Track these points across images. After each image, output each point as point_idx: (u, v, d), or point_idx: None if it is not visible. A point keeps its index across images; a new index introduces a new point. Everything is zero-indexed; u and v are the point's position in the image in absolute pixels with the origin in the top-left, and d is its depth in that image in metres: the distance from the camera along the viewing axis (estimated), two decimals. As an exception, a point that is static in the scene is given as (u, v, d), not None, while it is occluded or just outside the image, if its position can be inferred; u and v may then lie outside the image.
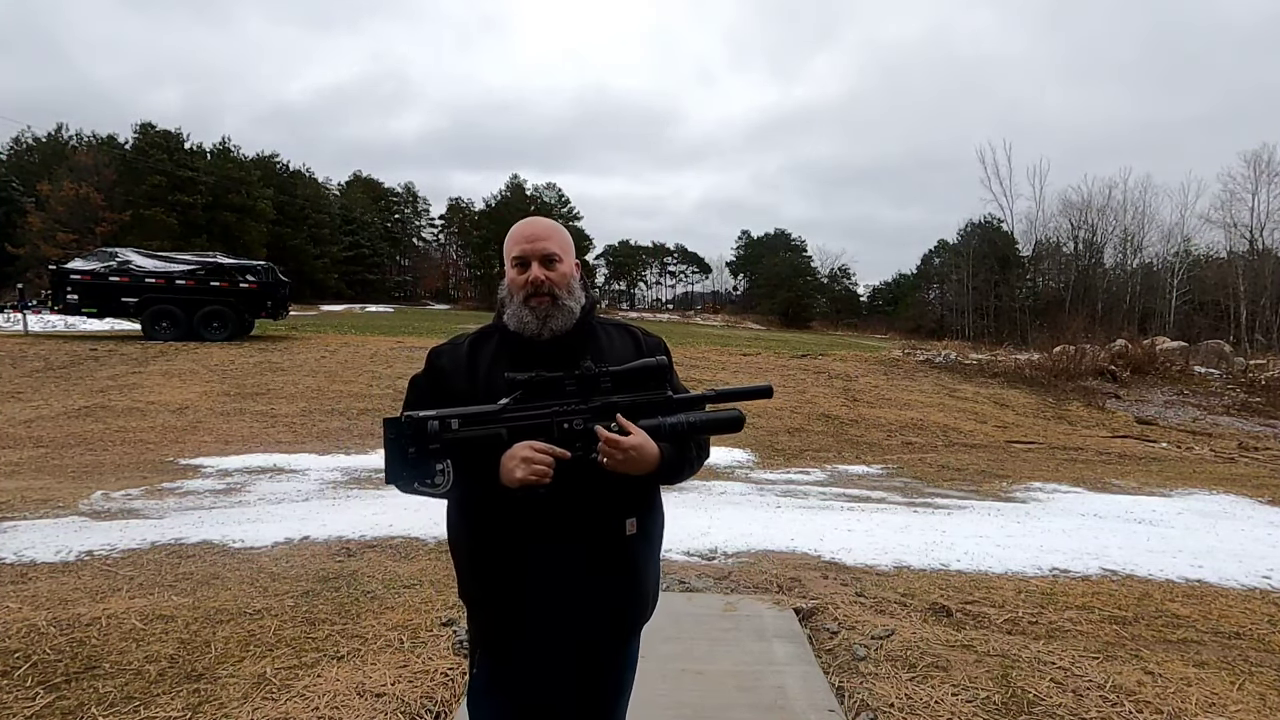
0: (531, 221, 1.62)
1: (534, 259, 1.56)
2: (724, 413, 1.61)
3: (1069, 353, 17.69)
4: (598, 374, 1.52)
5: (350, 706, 2.68)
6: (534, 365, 1.53)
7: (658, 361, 1.58)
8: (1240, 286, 42.07)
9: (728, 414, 1.60)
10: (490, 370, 1.57)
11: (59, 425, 9.60)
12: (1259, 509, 7.11)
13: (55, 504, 5.96)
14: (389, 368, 13.90)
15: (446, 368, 1.60)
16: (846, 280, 78.87)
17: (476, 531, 1.58)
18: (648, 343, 1.71)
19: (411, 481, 1.47)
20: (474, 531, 1.59)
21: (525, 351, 1.57)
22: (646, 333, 1.74)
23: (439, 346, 1.66)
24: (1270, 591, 4.43)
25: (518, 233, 1.61)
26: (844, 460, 9.63)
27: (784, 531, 5.43)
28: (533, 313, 1.55)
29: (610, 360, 1.58)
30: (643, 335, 1.73)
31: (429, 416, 1.43)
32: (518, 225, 1.63)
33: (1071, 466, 9.57)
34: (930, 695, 2.87)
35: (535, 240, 1.57)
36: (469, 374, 1.58)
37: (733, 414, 1.60)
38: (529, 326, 1.56)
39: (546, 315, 1.55)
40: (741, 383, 13.29)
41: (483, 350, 1.62)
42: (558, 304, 1.56)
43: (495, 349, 1.61)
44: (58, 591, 3.82)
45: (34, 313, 20.05)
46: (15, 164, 50.21)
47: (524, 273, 1.56)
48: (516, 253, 1.58)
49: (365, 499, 6.51)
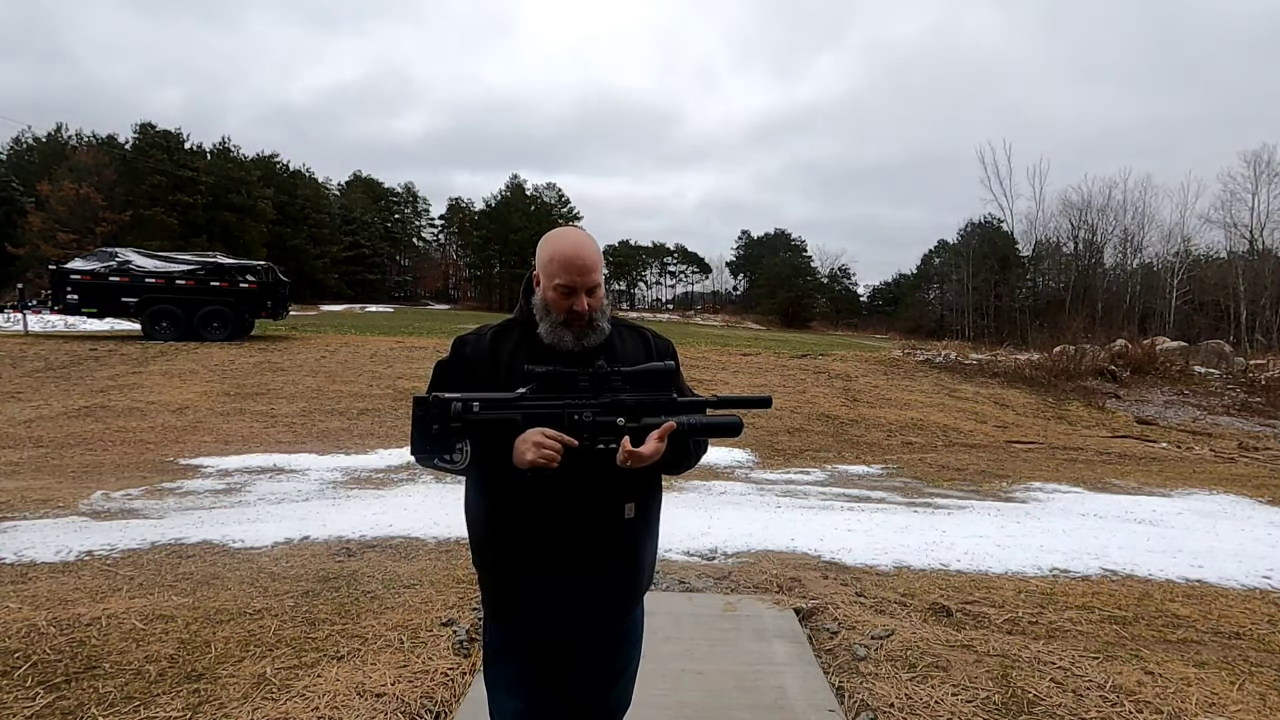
0: (578, 246, 1.66)
1: (582, 290, 1.64)
2: (725, 419, 1.68)
3: (1069, 353, 17.69)
4: (609, 373, 1.62)
5: (350, 706, 2.68)
6: (553, 362, 1.64)
7: (665, 365, 1.69)
8: (1240, 286, 42.09)
9: (728, 420, 1.68)
10: (511, 361, 1.68)
11: (59, 425, 9.60)
12: (1259, 509, 7.11)
13: (55, 504, 5.96)
14: (389, 368, 13.90)
15: (471, 356, 1.70)
16: (846, 280, 78.97)
17: (491, 508, 1.70)
18: (657, 345, 1.83)
19: (433, 456, 1.58)
20: (489, 509, 1.70)
21: (548, 353, 1.67)
22: (656, 335, 1.86)
23: (464, 336, 1.76)
24: (1270, 591, 4.43)
25: (565, 260, 1.64)
26: (844, 460, 9.63)
27: (784, 531, 5.43)
28: (572, 334, 1.66)
29: (622, 361, 1.70)
30: (652, 337, 1.85)
31: (453, 398, 1.55)
32: (563, 247, 1.65)
33: (1071, 466, 9.57)
34: (930, 695, 2.87)
35: (585, 274, 1.64)
36: (491, 363, 1.69)
37: (732, 420, 1.68)
38: (565, 343, 1.66)
39: (581, 335, 1.67)
40: (741, 383, 13.25)
41: (504, 342, 1.72)
42: (594, 326, 1.68)
43: (517, 344, 1.71)
44: (58, 591, 3.82)
45: (34, 313, 20.05)
46: (15, 164, 50.23)
47: (568, 298, 1.64)
48: (564, 281, 1.63)
49: (365, 499, 6.51)
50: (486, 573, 1.76)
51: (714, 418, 1.67)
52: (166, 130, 50.36)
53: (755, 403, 1.77)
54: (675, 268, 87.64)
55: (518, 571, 1.69)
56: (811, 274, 75.79)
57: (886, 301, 75.02)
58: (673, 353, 1.84)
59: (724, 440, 1.75)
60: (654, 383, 1.67)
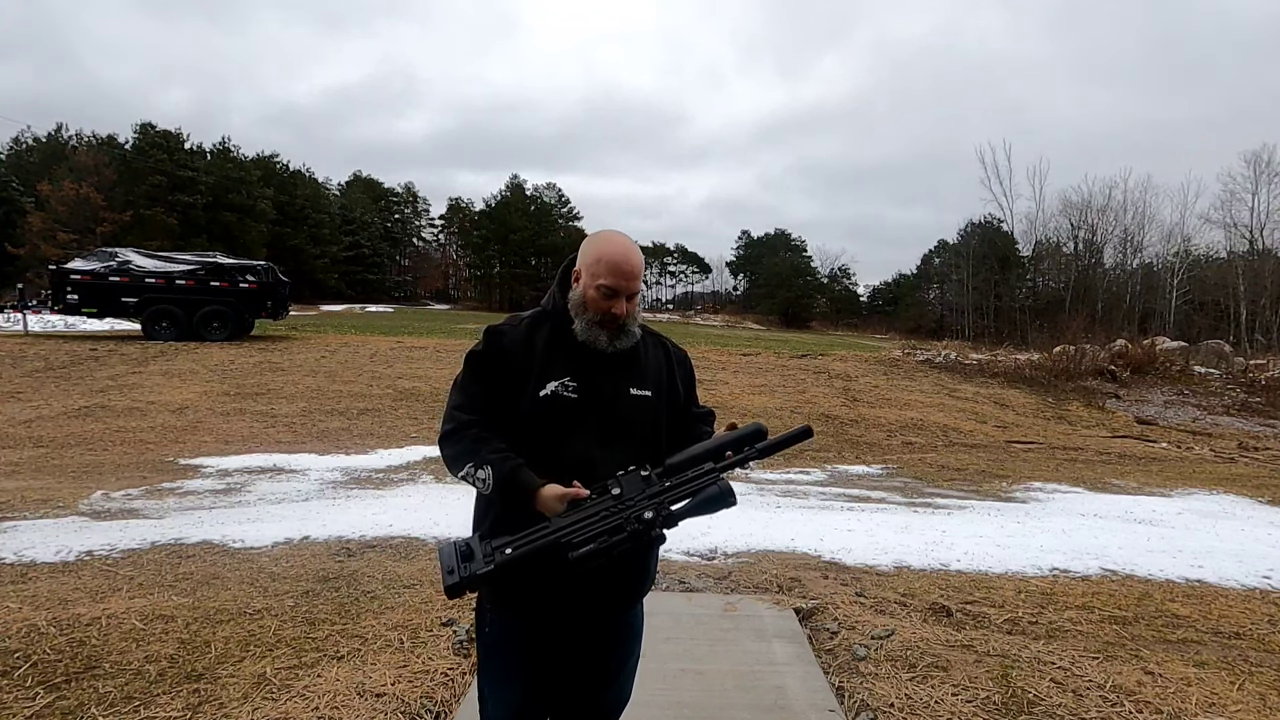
0: (628, 251, 1.69)
1: (624, 295, 1.68)
2: (723, 494, 1.58)
3: (1069, 353, 17.69)
4: (649, 478, 1.59)
5: (350, 706, 2.68)
6: (587, 365, 1.68)
7: (706, 450, 1.64)
8: (1240, 286, 42.11)
9: (723, 494, 1.58)
10: (546, 354, 1.70)
11: (59, 425, 9.60)
12: (1259, 509, 7.11)
13: (55, 504, 5.96)
14: (389, 368, 13.90)
15: (508, 346, 1.71)
16: (846, 280, 78.95)
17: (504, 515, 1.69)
18: (676, 355, 1.89)
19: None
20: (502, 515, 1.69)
21: (580, 350, 1.70)
22: (674, 345, 1.92)
23: (498, 326, 1.76)
24: (1270, 591, 4.43)
25: (614, 263, 1.67)
26: (844, 460, 9.63)
27: (784, 531, 5.43)
28: (607, 334, 1.69)
29: (646, 370, 1.77)
30: (672, 347, 1.90)
31: (486, 573, 1.51)
32: (613, 251, 1.68)
33: (1071, 466, 9.57)
34: (930, 695, 2.87)
35: (631, 279, 1.68)
36: (526, 353, 1.70)
37: (727, 492, 1.59)
38: (599, 343, 1.69)
39: (614, 337, 1.70)
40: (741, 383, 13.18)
41: (538, 334, 1.73)
42: (625, 330, 1.71)
43: (550, 338, 1.72)
44: (58, 591, 3.82)
45: (34, 313, 20.05)
46: (15, 164, 50.22)
47: (609, 301, 1.67)
48: (609, 283, 1.66)
49: (365, 499, 6.51)
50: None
51: (720, 490, 1.57)
52: (166, 130, 50.40)
53: (797, 437, 1.70)
54: (675, 268, 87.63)
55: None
56: (811, 274, 75.79)
57: (886, 301, 74.99)
58: (689, 363, 1.91)
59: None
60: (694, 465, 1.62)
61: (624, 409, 1.72)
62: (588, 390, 1.68)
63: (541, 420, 1.65)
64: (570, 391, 1.67)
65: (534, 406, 1.65)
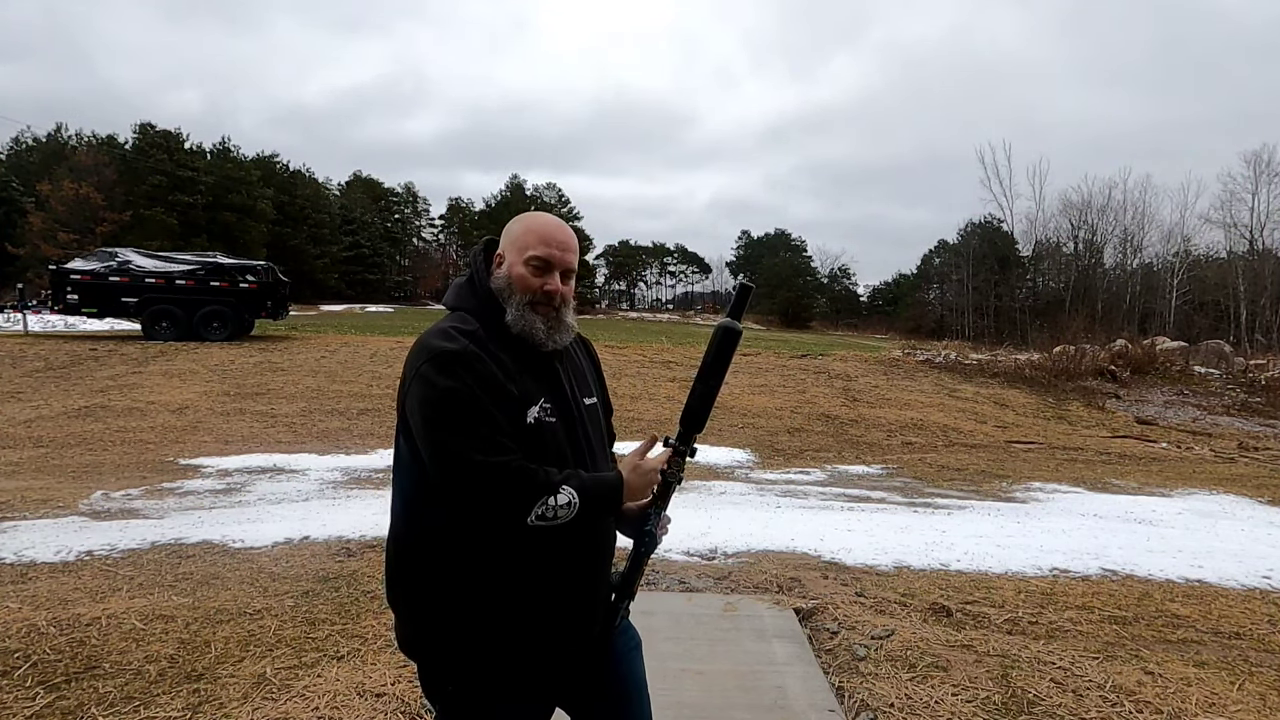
0: (558, 224, 1.50)
1: (559, 269, 1.48)
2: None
3: (1069, 353, 17.70)
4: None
5: (350, 706, 2.68)
6: (548, 377, 1.49)
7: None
8: (1240, 286, 42.13)
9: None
10: (511, 368, 1.43)
11: (59, 425, 9.60)
12: (1259, 509, 7.11)
13: (55, 504, 5.96)
14: (389, 368, 13.89)
15: (493, 371, 1.39)
16: (846, 280, 79.03)
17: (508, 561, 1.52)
18: (593, 351, 1.74)
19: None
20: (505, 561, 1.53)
21: (539, 362, 1.49)
22: (584, 338, 1.71)
23: (461, 351, 1.38)
24: (1270, 591, 4.43)
25: (545, 233, 1.48)
26: (844, 460, 9.63)
27: (784, 531, 5.43)
28: (543, 321, 1.47)
29: (584, 374, 1.62)
30: (588, 342, 1.73)
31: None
32: (541, 222, 1.50)
33: (1071, 466, 9.57)
34: (930, 695, 2.87)
35: (566, 250, 1.48)
36: (503, 372, 1.41)
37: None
38: (537, 334, 1.46)
39: (552, 328, 1.48)
40: (741, 383, 13.19)
41: (491, 344, 1.43)
42: (561, 320, 1.50)
43: (501, 344, 1.44)
44: (58, 591, 3.82)
45: (34, 313, 20.06)
46: (15, 164, 50.23)
47: (541, 277, 1.46)
48: (541, 253, 1.46)
49: (365, 499, 6.50)
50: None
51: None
52: (166, 130, 50.42)
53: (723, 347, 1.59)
54: (675, 268, 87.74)
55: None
56: (811, 274, 75.86)
57: (886, 301, 75.06)
58: (597, 356, 1.75)
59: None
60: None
61: (589, 425, 1.54)
62: (561, 409, 1.47)
63: (529, 453, 1.39)
64: (549, 415, 1.44)
65: (519, 436, 1.39)
